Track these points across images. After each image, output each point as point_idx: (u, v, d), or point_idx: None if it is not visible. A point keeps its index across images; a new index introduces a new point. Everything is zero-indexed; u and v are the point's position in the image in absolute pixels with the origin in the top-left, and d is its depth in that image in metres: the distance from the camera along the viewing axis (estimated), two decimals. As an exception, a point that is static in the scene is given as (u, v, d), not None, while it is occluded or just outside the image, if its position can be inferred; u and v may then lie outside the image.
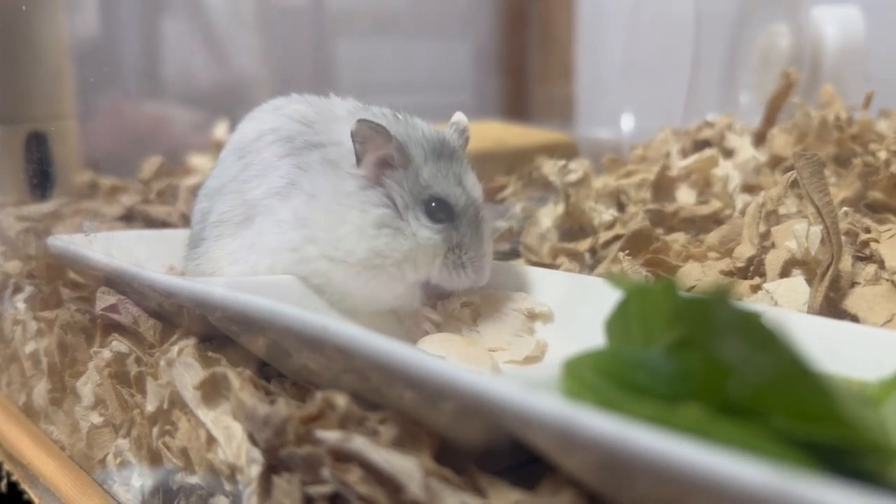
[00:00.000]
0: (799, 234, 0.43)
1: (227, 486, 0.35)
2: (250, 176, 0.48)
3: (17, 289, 0.58)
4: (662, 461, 0.20)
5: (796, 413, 0.21)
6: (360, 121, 0.43)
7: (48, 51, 0.76)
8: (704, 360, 0.22)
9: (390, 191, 0.45)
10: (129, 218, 0.69)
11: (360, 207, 0.44)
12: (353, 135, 0.44)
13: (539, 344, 0.44)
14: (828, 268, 0.41)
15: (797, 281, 0.42)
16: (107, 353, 0.45)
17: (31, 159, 0.72)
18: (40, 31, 0.75)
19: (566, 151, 0.80)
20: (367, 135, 0.44)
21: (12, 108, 0.73)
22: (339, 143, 0.46)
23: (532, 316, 0.46)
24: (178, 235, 0.56)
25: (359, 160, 0.45)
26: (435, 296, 0.47)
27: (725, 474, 0.19)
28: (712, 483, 0.19)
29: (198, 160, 0.94)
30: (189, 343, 0.39)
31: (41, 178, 0.72)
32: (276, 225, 0.46)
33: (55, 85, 0.77)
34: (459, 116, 0.50)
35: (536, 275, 0.49)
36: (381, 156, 0.44)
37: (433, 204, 0.45)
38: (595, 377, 0.26)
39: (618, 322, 0.28)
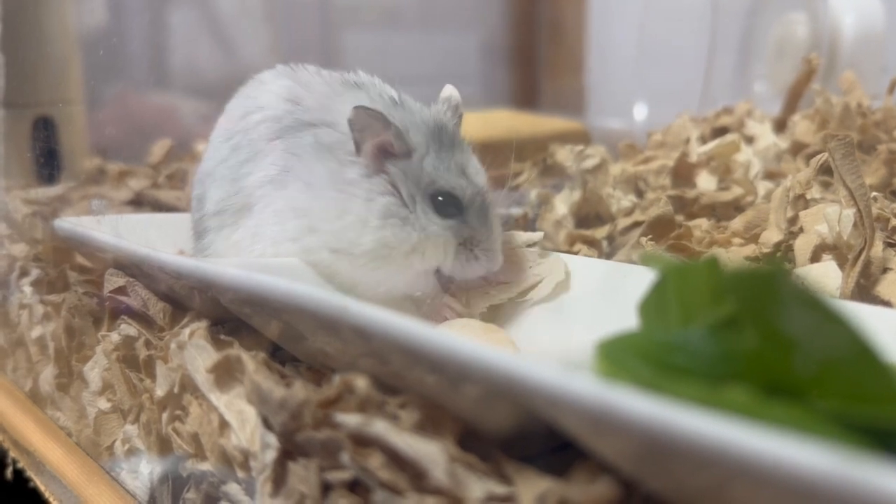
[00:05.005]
0: (831, 218, 0.42)
1: (240, 473, 0.34)
2: (241, 161, 0.46)
3: (24, 272, 0.57)
4: (712, 444, 0.19)
5: (858, 393, 0.19)
6: (356, 108, 0.42)
7: (56, 35, 0.75)
8: (759, 336, 0.20)
9: (394, 179, 0.43)
10: (138, 203, 0.68)
11: (364, 196, 0.43)
12: (350, 123, 0.42)
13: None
14: (860, 252, 0.40)
15: (829, 266, 0.40)
16: (115, 337, 0.44)
17: (39, 143, 0.72)
18: (48, 16, 0.74)
19: (578, 139, 0.78)
20: (364, 122, 0.42)
21: (20, 92, 0.72)
22: (332, 125, 0.44)
23: None
24: (188, 219, 0.55)
25: (358, 148, 0.43)
26: (456, 286, 0.46)
27: (786, 458, 0.18)
28: (768, 467, 0.18)
29: (205, 147, 0.93)
30: (200, 326, 0.38)
31: (48, 162, 0.72)
32: (275, 215, 0.44)
33: (63, 70, 0.76)
34: (450, 91, 0.47)
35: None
36: (379, 143, 0.43)
37: (440, 198, 0.43)
38: (631, 359, 0.24)
39: (653, 303, 0.26)
